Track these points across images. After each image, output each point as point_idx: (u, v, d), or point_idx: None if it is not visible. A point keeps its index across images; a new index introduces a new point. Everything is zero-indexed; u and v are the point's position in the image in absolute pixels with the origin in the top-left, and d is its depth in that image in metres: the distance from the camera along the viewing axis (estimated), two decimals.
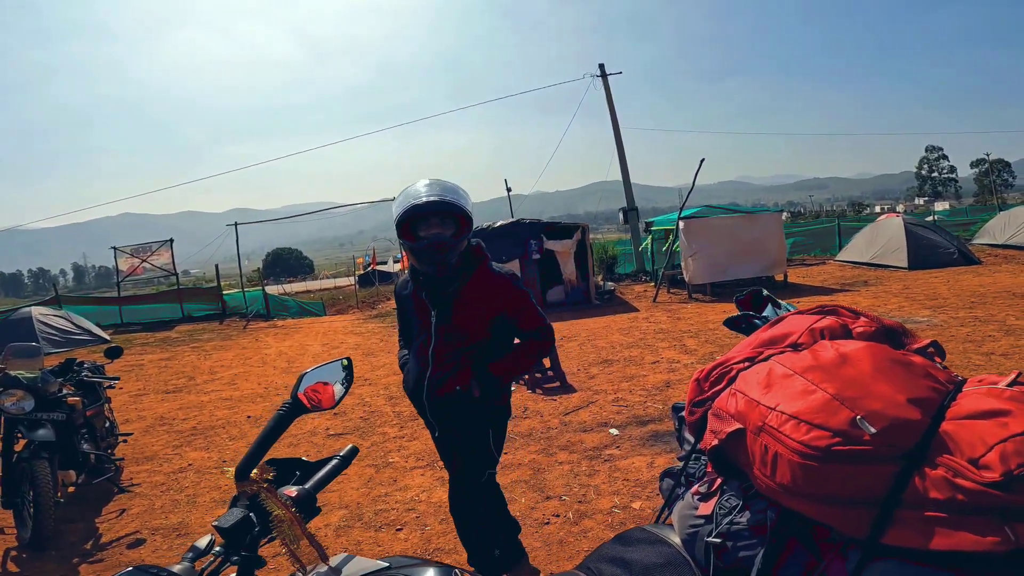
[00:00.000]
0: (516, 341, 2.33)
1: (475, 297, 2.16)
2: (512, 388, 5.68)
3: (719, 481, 1.28)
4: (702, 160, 11.18)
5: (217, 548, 1.05)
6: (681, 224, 11.92)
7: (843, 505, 1.01)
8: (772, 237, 12.12)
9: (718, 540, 1.20)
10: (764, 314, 2.01)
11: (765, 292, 2.03)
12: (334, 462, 1.23)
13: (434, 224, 2.00)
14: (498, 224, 12.14)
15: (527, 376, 6.20)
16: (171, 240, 17.44)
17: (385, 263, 25.01)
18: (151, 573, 0.91)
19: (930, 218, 19.37)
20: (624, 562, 1.33)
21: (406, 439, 4.83)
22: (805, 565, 1.10)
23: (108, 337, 12.39)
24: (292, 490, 1.13)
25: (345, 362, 1.36)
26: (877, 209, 63.62)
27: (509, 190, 25.90)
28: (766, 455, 1.07)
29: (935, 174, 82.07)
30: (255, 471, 1.12)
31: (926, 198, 78.58)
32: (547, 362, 6.34)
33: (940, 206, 48.42)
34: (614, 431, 4.59)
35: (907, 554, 0.99)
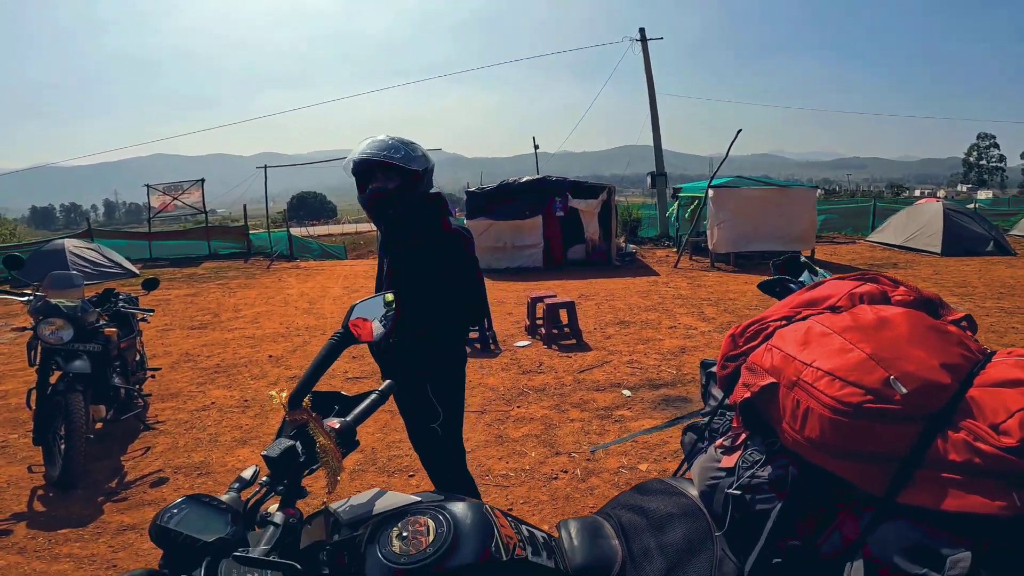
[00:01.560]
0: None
1: (423, 250, 2.16)
2: (492, 346, 5.83)
3: (744, 436, 1.31)
4: (739, 131, 10.98)
5: (263, 479, 1.08)
6: (711, 192, 11.74)
7: (865, 461, 1.04)
8: (803, 212, 11.85)
9: (738, 492, 1.23)
10: (800, 279, 2.00)
11: (803, 258, 2.00)
12: (373, 396, 1.26)
13: (378, 178, 2.07)
14: (524, 180, 12.22)
15: (543, 331, 6.26)
16: (202, 180, 17.62)
17: None
18: (203, 502, 0.96)
19: (971, 205, 18.62)
20: (642, 510, 1.37)
21: None
22: (819, 522, 1.14)
23: (138, 271, 12.70)
24: (335, 422, 1.16)
25: (390, 297, 1.37)
26: (917, 193, 61.39)
27: (536, 147, 25.85)
28: (797, 409, 1.10)
29: (983, 162, 78.92)
30: (305, 400, 1.15)
31: (969, 185, 75.73)
32: (564, 318, 6.38)
33: (983, 195, 46.42)
34: (627, 392, 4.65)
35: (918, 514, 1.02)
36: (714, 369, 1.48)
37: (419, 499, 1.16)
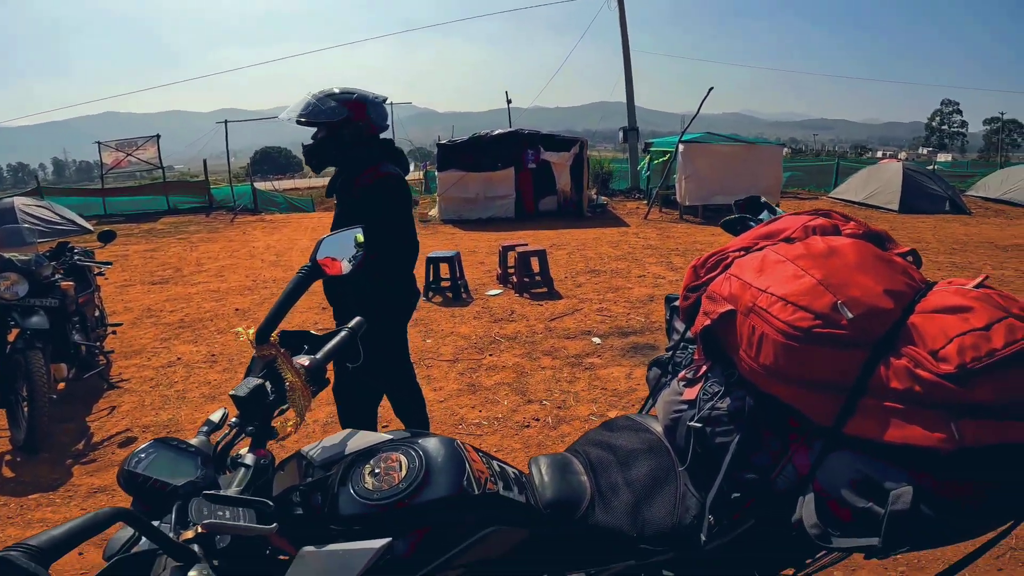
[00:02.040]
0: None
1: (358, 193, 2.23)
2: (464, 295, 5.85)
3: (705, 368, 1.33)
4: (710, 89, 11.29)
5: (232, 420, 1.06)
6: (681, 147, 12.03)
7: (815, 389, 1.06)
8: (769, 169, 12.22)
9: (699, 425, 1.25)
10: (760, 217, 2.06)
11: (763, 199, 2.07)
12: (343, 333, 1.24)
13: (312, 131, 2.24)
14: (496, 132, 12.37)
15: (515, 279, 6.30)
16: (157, 136, 16.73)
17: None
18: (171, 445, 0.94)
19: (930, 167, 19.20)
20: (609, 446, 1.41)
21: None
22: (774, 455, 1.17)
23: (92, 228, 12.18)
24: (304, 359, 1.14)
25: (359, 235, 1.33)
26: (879, 154, 62.84)
27: (509, 102, 25.54)
28: (753, 336, 1.12)
29: (945, 127, 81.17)
30: (273, 335, 1.11)
31: (930, 148, 77.91)
32: (536, 267, 6.44)
33: (943, 158, 47.78)
34: (596, 340, 4.74)
35: (864, 446, 1.05)
36: (677, 303, 1.50)
37: (391, 437, 1.15)
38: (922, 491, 1.01)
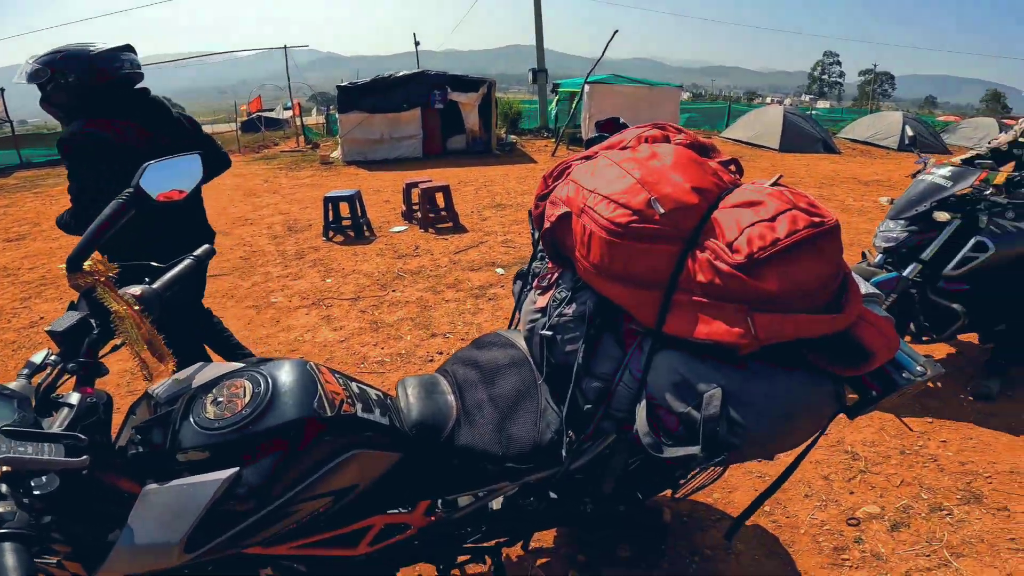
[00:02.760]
0: None
1: (67, 150, 2.24)
2: (367, 233, 5.80)
3: (556, 274, 1.35)
4: (615, 31, 11.96)
5: (53, 357, 0.96)
6: (587, 87, 12.54)
7: (638, 286, 1.10)
8: (668, 109, 12.98)
9: (549, 333, 1.26)
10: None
11: (621, 120, 2.15)
12: (187, 261, 1.16)
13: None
14: (401, 74, 12.00)
15: (419, 215, 6.25)
16: (2, 89, 14.22)
17: (273, 110, 23.31)
18: None
19: (810, 113, 20.85)
20: (476, 363, 1.41)
21: (290, 278, 4.74)
22: (616, 359, 1.19)
23: None
24: (136, 289, 1.04)
25: (195, 157, 1.23)
26: (768, 100, 67.15)
27: (417, 44, 24.50)
28: (584, 235, 1.15)
29: (825, 76, 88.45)
30: (89, 263, 0.98)
31: (811, 96, 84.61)
32: (441, 202, 6.39)
33: (822, 104, 52.18)
34: (500, 271, 4.83)
35: (685, 345, 1.09)
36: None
37: (242, 366, 1.10)
38: (731, 394, 1.05)
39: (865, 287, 1.25)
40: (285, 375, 1.04)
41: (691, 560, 1.94)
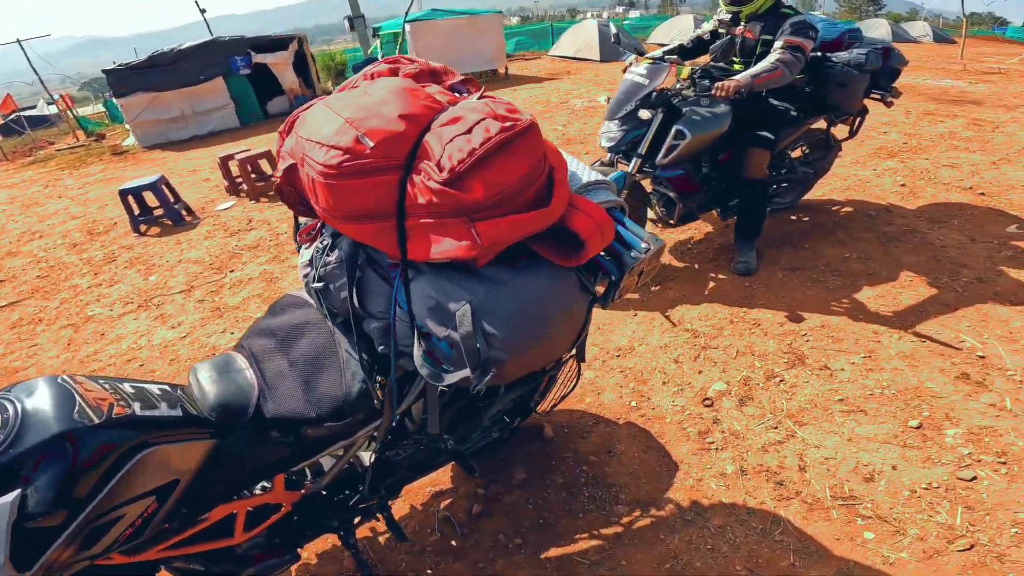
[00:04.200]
0: None
1: None
2: (188, 218, 5.25)
3: (319, 223, 1.30)
4: None
5: None
6: (407, 27, 12.04)
7: (372, 220, 1.08)
8: (492, 36, 12.78)
9: (320, 284, 1.24)
10: None
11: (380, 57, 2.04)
12: None
13: None
14: (186, 46, 10.40)
15: (246, 187, 5.66)
16: None
17: (34, 107, 19.84)
18: None
19: (623, 22, 21.92)
20: (270, 332, 1.37)
21: (105, 285, 4.13)
22: (386, 295, 1.17)
23: None
24: None
25: None
26: (588, 15, 69.55)
27: (203, 11, 21.43)
28: (310, 183, 1.12)
29: None
30: None
31: (624, 7, 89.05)
32: (268, 168, 5.85)
33: (634, 14, 55.13)
34: None
35: (435, 269, 1.10)
36: None
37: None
38: (479, 307, 1.06)
39: (589, 175, 1.29)
40: (35, 394, 1.01)
41: (580, 470, 2.04)
